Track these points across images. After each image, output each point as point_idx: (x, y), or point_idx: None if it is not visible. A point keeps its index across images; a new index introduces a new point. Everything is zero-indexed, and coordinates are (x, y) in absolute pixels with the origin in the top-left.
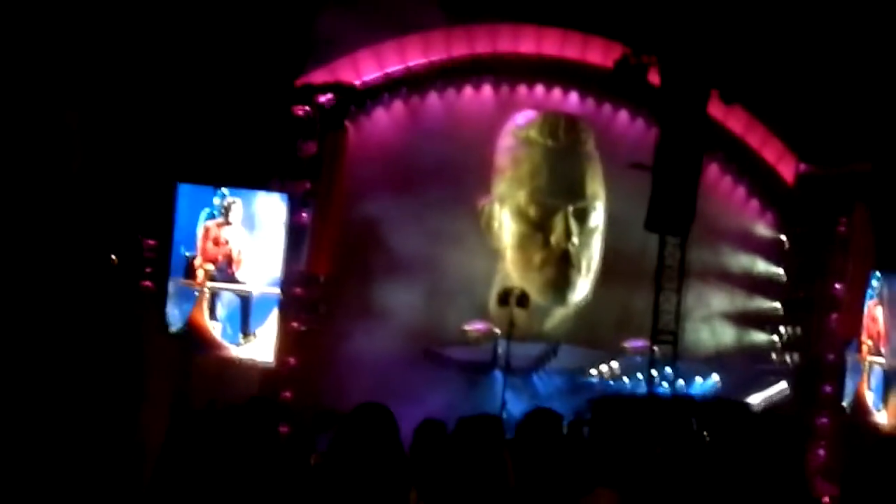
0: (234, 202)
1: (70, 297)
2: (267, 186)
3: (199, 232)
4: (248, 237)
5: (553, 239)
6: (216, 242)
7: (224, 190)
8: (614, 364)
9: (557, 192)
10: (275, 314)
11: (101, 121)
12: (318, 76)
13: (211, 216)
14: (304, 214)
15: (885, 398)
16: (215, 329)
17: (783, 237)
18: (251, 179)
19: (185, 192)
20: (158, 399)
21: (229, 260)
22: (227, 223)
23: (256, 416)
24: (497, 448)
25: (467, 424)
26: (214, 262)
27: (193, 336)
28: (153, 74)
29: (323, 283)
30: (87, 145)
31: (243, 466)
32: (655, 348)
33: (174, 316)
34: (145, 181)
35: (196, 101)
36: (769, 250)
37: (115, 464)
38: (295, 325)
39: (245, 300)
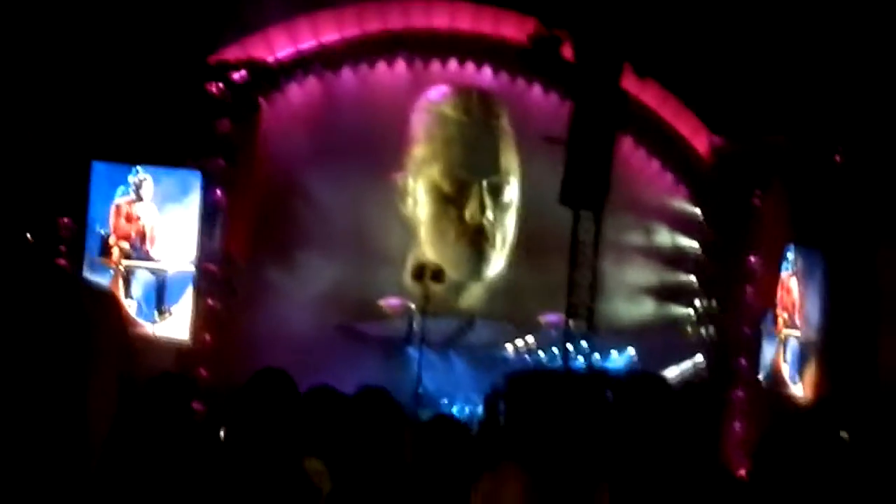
0: (144, 179)
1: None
2: (181, 164)
3: (112, 209)
4: (161, 215)
5: (467, 214)
6: (128, 219)
7: (138, 168)
8: (530, 339)
9: (471, 166)
10: (190, 292)
11: (13, 100)
12: (231, 53)
13: (124, 193)
14: (218, 192)
15: (800, 370)
16: (131, 307)
17: (698, 210)
18: (165, 157)
19: (100, 171)
20: (105, 374)
21: (143, 237)
22: (139, 199)
23: (168, 392)
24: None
25: (363, 398)
26: (128, 239)
27: None
28: (66, 52)
29: (238, 261)
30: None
31: (157, 444)
32: (570, 322)
33: None
34: (59, 160)
35: (109, 79)
36: (684, 224)
37: (61, 450)
38: (210, 302)
39: (160, 278)
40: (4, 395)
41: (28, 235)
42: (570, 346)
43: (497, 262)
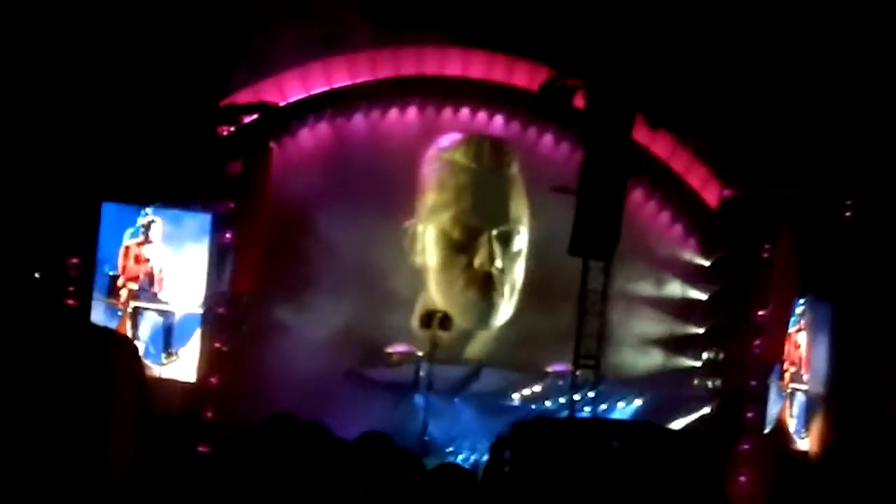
0: (153, 220)
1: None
2: (191, 206)
3: (120, 250)
4: (171, 256)
5: (476, 262)
6: (137, 261)
7: (148, 209)
8: (537, 387)
9: (482, 214)
10: (198, 334)
11: (28, 140)
12: (243, 96)
13: (134, 235)
14: (227, 234)
15: (807, 425)
16: (139, 348)
17: (707, 262)
18: (176, 199)
19: (110, 211)
20: (125, 416)
21: (151, 279)
22: (148, 241)
23: (174, 434)
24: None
25: (365, 442)
26: (137, 280)
27: None
28: (81, 93)
29: (246, 303)
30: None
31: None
32: (577, 372)
33: None
34: (70, 200)
35: (122, 121)
36: (693, 275)
37: (81, 487)
38: (218, 344)
39: (168, 320)
40: (30, 437)
41: (36, 274)
42: (576, 396)
43: (505, 311)
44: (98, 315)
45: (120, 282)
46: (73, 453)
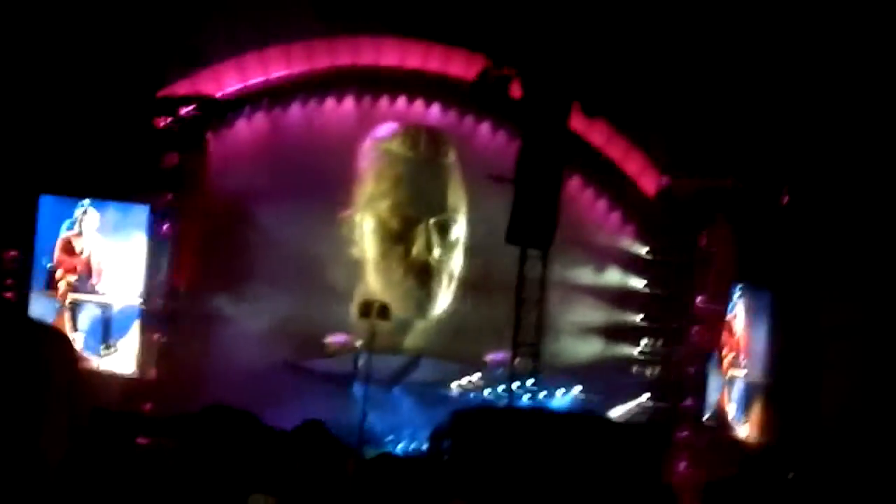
0: (87, 213)
1: None
2: (129, 198)
3: (57, 243)
4: (108, 248)
5: (414, 251)
6: (72, 253)
7: (85, 201)
8: (475, 377)
9: (419, 204)
10: (136, 326)
11: None
12: (180, 88)
13: (70, 227)
14: (165, 226)
15: (746, 410)
16: (77, 341)
17: (645, 250)
18: (113, 191)
19: (47, 204)
20: (58, 407)
21: (89, 271)
22: (82, 234)
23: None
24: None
25: (303, 431)
26: (74, 273)
27: None
28: (15, 85)
29: (185, 295)
30: None
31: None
32: (516, 361)
33: None
34: (7, 193)
35: (58, 113)
36: (631, 263)
37: (16, 481)
38: (156, 336)
39: (106, 312)
40: None
41: None
42: (515, 385)
43: (443, 301)
44: (37, 308)
45: (58, 274)
46: (6, 443)
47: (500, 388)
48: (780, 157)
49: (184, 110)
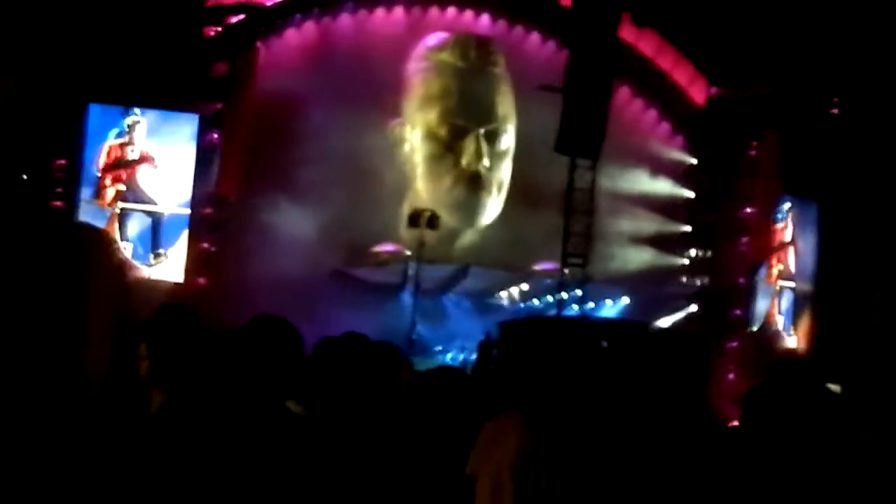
0: (138, 121)
1: None
2: (178, 107)
3: (105, 151)
4: (157, 157)
5: (464, 160)
6: (120, 162)
7: (136, 110)
8: (524, 286)
9: (468, 113)
10: (185, 234)
11: (10, 41)
12: None
13: (119, 136)
14: (214, 135)
15: (794, 321)
16: (126, 249)
17: (693, 160)
18: (162, 100)
19: (96, 113)
20: (102, 317)
21: (138, 180)
22: (131, 143)
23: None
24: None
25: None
26: (123, 181)
27: None
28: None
29: (233, 203)
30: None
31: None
32: (565, 270)
33: None
34: (55, 101)
35: (106, 22)
36: (679, 173)
37: (57, 397)
38: (205, 245)
39: (155, 220)
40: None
41: (23, 176)
42: (563, 295)
43: (492, 210)
44: (85, 216)
45: (106, 182)
46: (50, 349)
47: (549, 297)
48: (828, 66)
49: (233, 19)
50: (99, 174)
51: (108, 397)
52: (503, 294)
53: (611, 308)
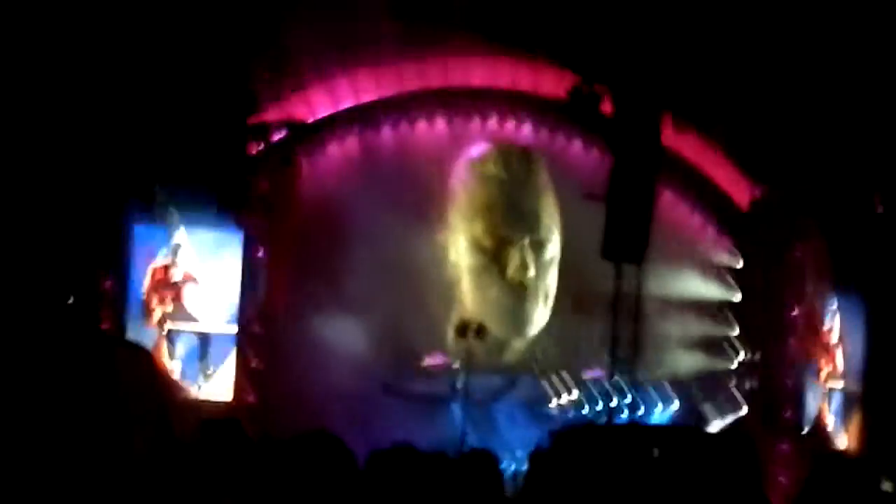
0: (181, 242)
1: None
2: (222, 224)
3: (150, 272)
4: (201, 276)
5: (509, 271)
6: (166, 282)
7: (179, 229)
8: (574, 394)
9: (513, 224)
10: (233, 352)
11: (57, 161)
12: (271, 113)
13: (163, 256)
14: (259, 251)
15: (845, 421)
16: (175, 369)
17: (739, 262)
18: (206, 218)
19: (140, 233)
20: (138, 417)
21: (184, 300)
22: (175, 264)
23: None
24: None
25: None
26: (168, 302)
27: None
28: (107, 113)
29: (280, 319)
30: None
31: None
32: (614, 377)
33: None
34: (100, 221)
35: (150, 140)
36: (726, 276)
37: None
38: (253, 362)
39: (203, 339)
40: (46, 454)
41: (70, 299)
42: (613, 402)
43: (540, 319)
44: (133, 337)
45: (152, 304)
46: (89, 468)
47: (599, 404)
48: (872, 163)
49: (276, 136)
50: (144, 296)
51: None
52: (553, 402)
53: (661, 413)
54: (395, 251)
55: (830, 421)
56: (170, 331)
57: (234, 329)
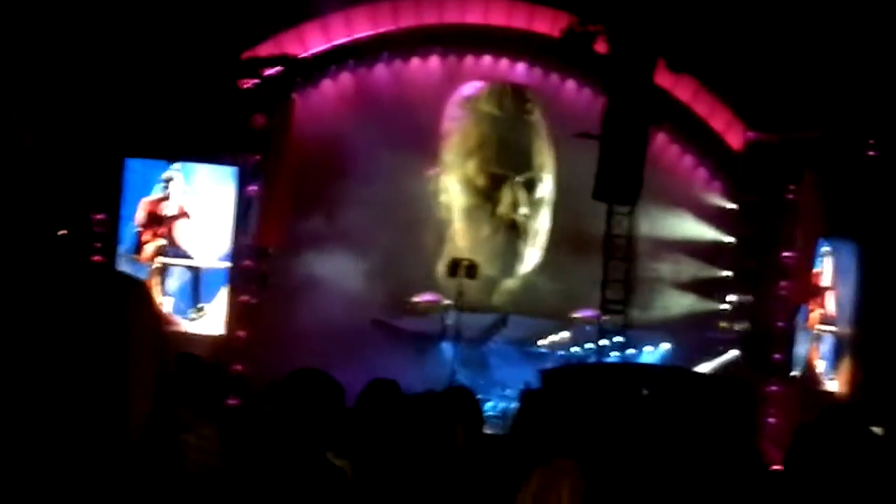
0: (174, 176)
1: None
2: (216, 160)
3: (144, 206)
4: (195, 211)
5: (501, 209)
6: (159, 217)
7: (176, 164)
8: (564, 334)
9: (505, 162)
10: (225, 287)
11: (50, 97)
12: (265, 49)
13: (157, 191)
14: (253, 187)
15: (835, 365)
16: (167, 303)
17: (733, 205)
18: (200, 153)
19: (134, 167)
20: (143, 368)
21: (176, 234)
22: (168, 198)
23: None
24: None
25: (425, 399)
26: (161, 236)
27: None
28: (102, 50)
29: (272, 256)
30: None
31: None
32: (605, 317)
33: None
34: (94, 156)
35: (144, 77)
36: (719, 218)
37: (102, 448)
38: (245, 297)
39: (195, 274)
40: (50, 387)
41: (63, 231)
42: (604, 342)
43: (531, 258)
44: (125, 270)
45: (145, 238)
46: (94, 400)
47: (590, 344)
48: (865, 108)
49: (269, 71)
50: (138, 229)
51: (148, 445)
52: (543, 342)
53: (651, 354)
54: (388, 188)
55: (820, 365)
56: (161, 265)
57: (227, 264)
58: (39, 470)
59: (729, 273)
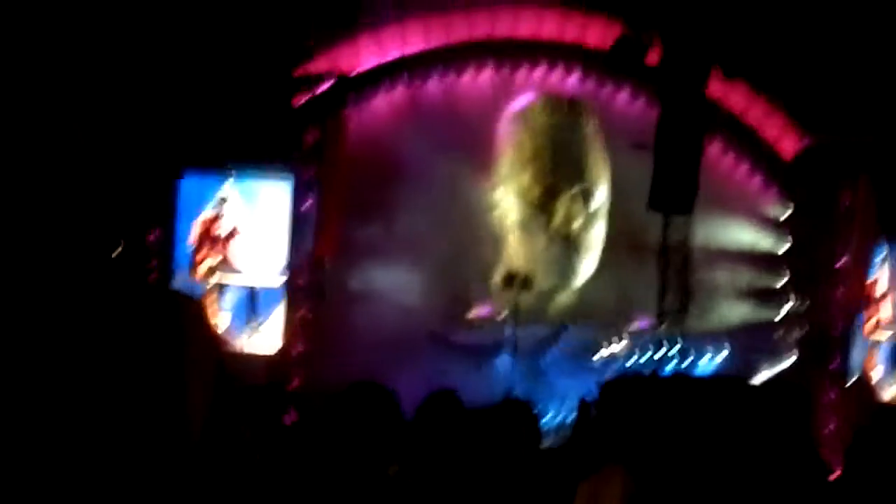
0: (228, 195)
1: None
2: (270, 175)
3: (198, 224)
4: (250, 227)
5: (556, 221)
6: (213, 235)
7: (229, 182)
8: (621, 344)
9: (560, 174)
10: (281, 303)
11: (106, 112)
12: (319, 64)
13: (210, 208)
14: (308, 201)
15: (892, 374)
16: (224, 321)
17: (787, 211)
18: (254, 169)
19: (189, 185)
20: (200, 374)
21: (230, 252)
22: (222, 216)
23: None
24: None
25: (484, 412)
26: (215, 254)
27: None
28: (158, 65)
29: (328, 270)
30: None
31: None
32: (661, 327)
33: None
34: (148, 174)
35: (197, 92)
36: (774, 225)
37: (164, 451)
38: (301, 312)
39: (251, 291)
40: (110, 403)
41: (118, 249)
42: (661, 352)
43: (586, 269)
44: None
45: (199, 256)
46: (153, 412)
47: (647, 355)
48: None
49: (322, 86)
50: (192, 248)
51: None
52: (600, 353)
53: (709, 362)
54: (443, 202)
55: (878, 371)
56: (218, 283)
57: (283, 279)
58: (107, 472)
59: (785, 280)
